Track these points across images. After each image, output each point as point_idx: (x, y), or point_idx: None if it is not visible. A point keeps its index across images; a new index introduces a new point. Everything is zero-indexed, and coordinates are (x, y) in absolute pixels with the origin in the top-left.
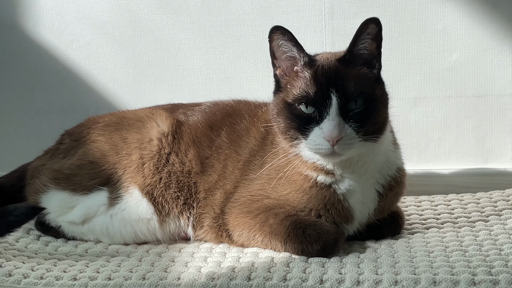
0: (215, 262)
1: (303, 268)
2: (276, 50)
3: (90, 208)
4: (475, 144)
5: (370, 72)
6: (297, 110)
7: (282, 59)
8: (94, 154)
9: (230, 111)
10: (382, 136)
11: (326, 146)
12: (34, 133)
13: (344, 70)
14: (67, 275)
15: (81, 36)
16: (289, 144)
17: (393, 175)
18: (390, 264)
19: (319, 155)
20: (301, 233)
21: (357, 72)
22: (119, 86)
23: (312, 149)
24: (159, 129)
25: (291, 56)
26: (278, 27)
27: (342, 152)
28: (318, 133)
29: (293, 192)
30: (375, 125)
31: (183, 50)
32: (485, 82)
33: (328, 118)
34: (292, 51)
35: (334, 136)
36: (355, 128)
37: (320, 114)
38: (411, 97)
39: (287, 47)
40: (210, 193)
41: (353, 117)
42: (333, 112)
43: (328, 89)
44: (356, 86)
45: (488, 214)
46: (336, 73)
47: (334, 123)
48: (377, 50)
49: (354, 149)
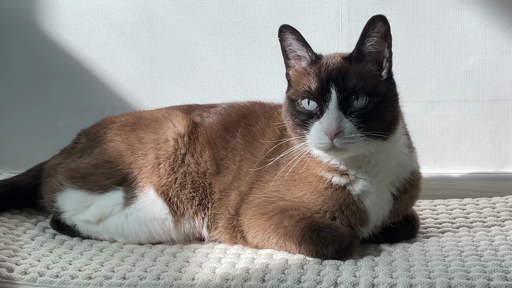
0: (230, 263)
1: (317, 270)
2: (287, 49)
3: (106, 208)
4: (491, 148)
5: (376, 69)
6: (299, 106)
7: (292, 58)
8: (110, 154)
9: (245, 112)
10: (392, 136)
11: (326, 140)
12: (51, 132)
13: (347, 66)
14: (82, 274)
15: (98, 36)
16: (299, 142)
17: (408, 178)
18: (405, 267)
19: (321, 150)
20: (316, 236)
21: (361, 68)
22: (135, 86)
23: (313, 144)
24: (175, 130)
25: (299, 54)
26: (286, 26)
27: (343, 147)
28: (318, 127)
29: (308, 194)
30: (381, 122)
31: (200, 50)
32: (502, 86)
33: (327, 112)
34: (300, 49)
35: (331, 130)
36: (356, 123)
37: (321, 108)
38: (428, 100)
39: (296, 46)
40: (225, 194)
41: (354, 112)
42: (332, 106)
43: (328, 83)
44: (358, 82)
45: (504, 218)
46: (338, 69)
47: (332, 116)
48: (388, 49)
49: (356, 144)
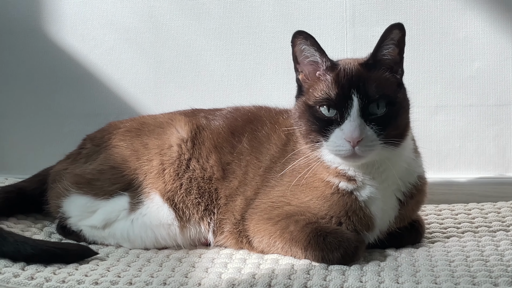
0: (236, 268)
1: (323, 275)
2: (299, 54)
3: (111, 213)
4: (496, 153)
5: (392, 76)
6: (318, 112)
7: (304, 63)
8: (115, 159)
9: (251, 117)
10: (403, 142)
11: (347, 147)
12: (56, 138)
13: (366, 73)
14: (89, 279)
15: (104, 41)
16: (310, 148)
17: (414, 183)
18: (411, 273)
19: (340, 157)
20: (322, 241)
21: (380, 75)
22: (140, 91)
23: (332, 150)
24: (178, 135)
25: (313, 60)
26: (301, 32)
27: (363, 154)
28: (339, 134)
29: (314, 199)
30: (397, 129)
31: (205, 56)
32: (506, 91)
33: (349, 119)
34: (315, 55)
35: (355, 137)
36: (376, 130)
37: (341, 115)
38: (432, 105)
39: (310, 52)
40: (230, 199)
41: (375, 120)
42: (354, 113)
43: (350, 90)
44: (378, 89)
45: (509, 223)
46: (358, 75)
47: (355, 124)
48: (400, 55)
49: (374, 152)
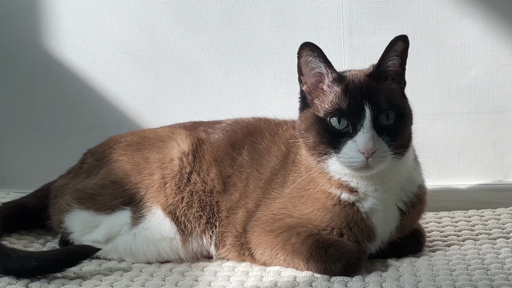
0: (238, 282)
1: (326, 287)
2: (304, 66)
3: (114, 228)
4: (495, 159)
5: (398, 87)
6: (328, 124)
7: (310, 75)
8: (116, 174)
9: (251, 129)
10: (408, 152)
11: (361, 159)
12: (57, 152)
13: (375, 84)
14: None
15: (102, 56)
16: (317, 160)
17: (415, 192)
18: (412, 283)
19: (351, 168)
20: (324, 252)
21: (388, 86)
22: (140, 104)
23: (345, 162)
24: (179, 149)
25: (319, 72)
26: (308, 44)
27: (375, 165)
28: (352, 146)
29: (316, 211)
30: (403, 140)
31: (203, 68)
32: (503, 98)
33: (362, 130)
34: (320, 67)
35: (369, 149)
36: (387, 141)
37: (354, 127)
38: (430, 113)
39: (316, 63)
40: (232, 212)
41: (385, 130)
42: (367, 124)
43: (362, 101)
44: (387, 100)
45: (509, 230)
46: (368, 86)
47: (368, 135)
48: (401, 66)
49: (385, 162)
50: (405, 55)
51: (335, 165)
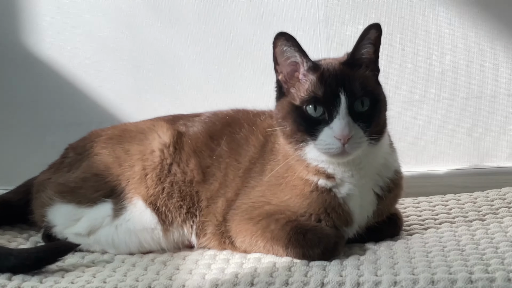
0: (219, 269)
1: (304, 272)
2: (279, 56)
3: (96, 220)
4: (471, 144)
5: (372, 74)
6: (304, 112)
7: (285, 64)
8: (98, 167)
9: (229, 120)
10: (383, 138)
11: (337, 145)
12: (39, 148)
13: (349, 71)
14: (75, 286)
15: (82, 52)
16: (294, 148)
17: (392, 177)
18: (389, 265)
19: (328, 155)
20: (302, 238)
21: (362, 74)
22: (120, 99)
23: (322, 149)
24: (160, 140)
25: (294, 61)
26: (283, 33)
27: (351, 151)
28: (328, 133)
29: (294, 197)
30: (378, 125)
31: (182, 62)
32: (478, 84)
33: (338, 117)
34: (295, 56)
35: (345, 135)
36: (362, 127)
37: (330, 114)
38: (407, 100)
39: (291, 53)
40: (212, 201)
41: (360, 117)
42: (342, 111)
43: (337, 88)
44: (362, 86)
45: (484, 213)
46: (343, 74)
47: (344, 122)
48: (375, 54)
49: (361, 148)
50: (378, 43)
51: (312, 152)
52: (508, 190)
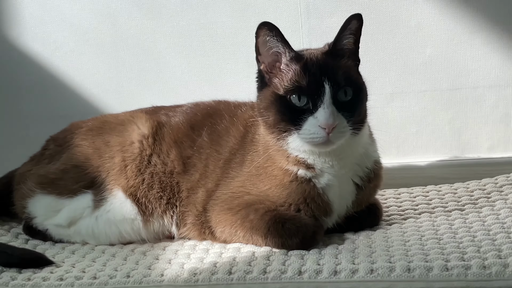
0: (198, 259)
1: (282, 260)
2: (262, 46)
3: (76, 211)
4: (452, 136)
5: (354, 64)
6: (288, 102)
7: (267, 54)
8: (78, 158)
9: (210, 111)
10: (364, 128)
11: (322, 134)
12: (21, 140)
13: (332, 61)
14: (54, 275)
15: (64, 44)
16: (277, 138)
17: (371, 167)
18: (367, 254)
19: (312, 144)
20: (281, 227)
21: (344, 63)
22: (103, 91)
23: (306, 138)
24: (139, 132)
25: (277, 51)
26: (266, 23)
27: (335, 141)
28: (313, 122)
29: (273, 187)
30: (360, 115)
31: (164, 54)
32: (459, 75)
33: (323, 106)
34: (278, 46)
35: (330, 124)
36: (346, 117)
37: (314, 103)
38: (388, 92)
39: (273, 43)
40: (192, 191)
41: (344, 106)
42: (327, 100)
43: (321, 78)
44: (345, 76)
45: (464, 203)
46: (326, 64)
47: (329, 111)
48: (355, 45)
49: (344, 138)
50: (359, 33)
51: (295, 142)
52: (488, 181)
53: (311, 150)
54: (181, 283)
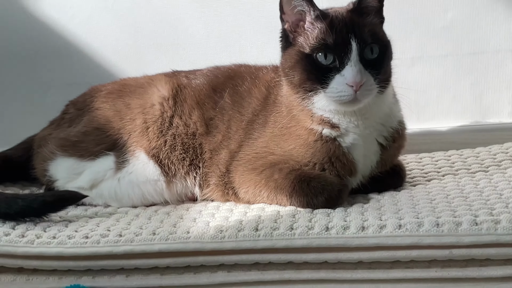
0: (223, 217)
1: (308, 218)
2: (286, 4)
3: (98, 173)
4: (473, 101)
5: (379, 22)
6: (315, 60)
7: (291, 14)
8: (98, 121)
9: (231, 73)
10: (389, 87)
11: (349, 92)
12: (39, 108)
13: (358, 19)
14: (79, 234)
15: (81, 11)
16: (302, 97)
17: (396, 127)
18: (393, 211)
19: (339, 102)
20: (306, 186)
21: (370, 21)
22: (121, 58)
23: (333, 97)
24: (159, 94)
25: (301, 10)
26: None
27: (363, 99)
28: (340, 80)
29: (298, 147)
30: (386, 73)
31: (182, 19)
32: (480, 39)
33: (350, 64)
34: (302, 5)
35: (357, 81)
36: (373, 75)
37: (341, 61)
38: (409, 57)
39: (298, 1)
40: (215, 153)
41: (370, 64)
42: (354, 57)
43: (347, 35)
44: (371, 33)
45: (487, 165)
46: (352, 21)
47: (356, 68)
48: (380, 2)
49: (371, 96)
50: None
51: (321, 102)
52: (510, 144)
53: (336, 109)
54: (208, 240)
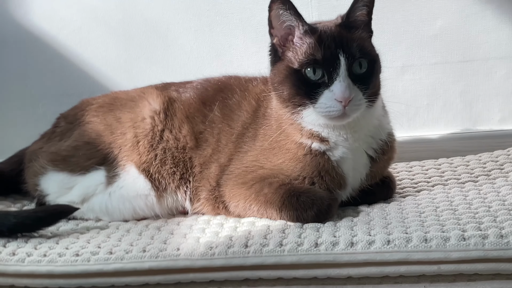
0: (213, 233)
1: (298, 233)
2: (275, 19)
3: (89, 188)
4: (463, 108)
5: (367, 36)
6: (303, 75)
7: (280, 28)
8: (89, 135)
9: (221, 86)
10: (378, 100)
11: (338, 108)
12: (30, 120)
13: (346, 33)
14: (69, 251)
15: (72, 22)
16: (291, 112)
17: (385, 139)
18: (382, 225)
19: (328, 117)
20: (296, 200)
21: (358, 35)
22: (112, 69)
23: (322, 112)
24: (150, 107)
25: (290, 25)
26: None
27: (351, 114)
28: (329, 96)
29: (287, 161)
30: (374, 87)
31: (173, 30)
32: (469, 47)
33: (339, 79)
34: (291, 20)
35: (346, 97)
36: (361, 89)
37: (330, 76)
38: (399, 65)
39: (286, 16)
40: (205, 166)
41: (359, 79)
42: (342, 73)
43: (336, 50)
44: (360, 48)
45: (477, 175)
46: (340, 36)
47: (345, 84)
48: (368, 16)
49: (360, 110)
50: (372, 4)
51: (310, 116)
52: (500, 152)
53: (325, 123)
54: (198, 257)
